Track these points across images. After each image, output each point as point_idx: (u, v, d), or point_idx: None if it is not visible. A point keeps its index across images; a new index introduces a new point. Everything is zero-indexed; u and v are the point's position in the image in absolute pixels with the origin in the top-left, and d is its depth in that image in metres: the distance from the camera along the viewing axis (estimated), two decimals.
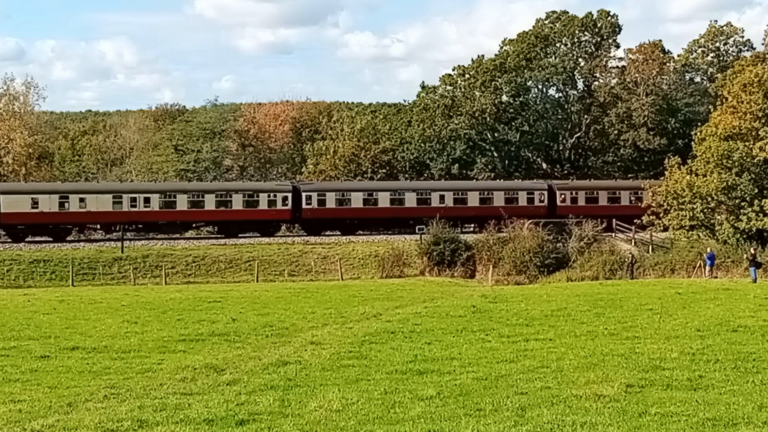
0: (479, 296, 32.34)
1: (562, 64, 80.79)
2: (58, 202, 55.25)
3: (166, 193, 58.14)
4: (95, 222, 56.28)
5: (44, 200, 54.95)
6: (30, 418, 12.00)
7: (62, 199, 55.48)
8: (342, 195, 60.57)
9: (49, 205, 54.87)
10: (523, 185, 65.15)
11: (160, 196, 57.32)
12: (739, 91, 49.98)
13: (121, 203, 56.04)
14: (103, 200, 56.06)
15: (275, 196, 59.27)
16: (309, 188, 60.81)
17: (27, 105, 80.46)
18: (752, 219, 47.74)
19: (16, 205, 54.47)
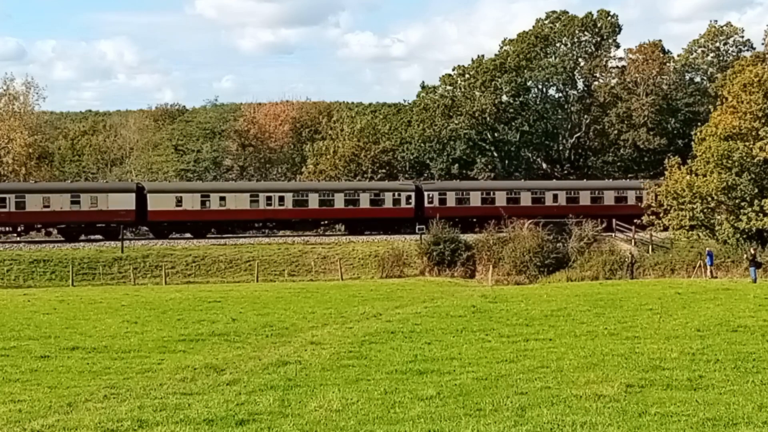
0: (479, 296, 32.34)
1: (562, 64, 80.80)
2: (200, 201, 57.78)
3: (299, 192, 60.28)
4: (234, 219, 57.81)
5: (187, 199, 57.65)
6: (30, 418, 12.01)
7: (204, 198, 57.98)
8: (462, 194, 62.56)
9: (192, 204, 57.40)
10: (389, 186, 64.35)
11: (294, 195, 59.44)
12: (739, 91, 49.98)
13: (257, 202, 58.37)
14: (241, 199, 58.50)
15: (399, 195, 61.39)
16: (431, 188, 63.01)
17: (27, 105, 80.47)
18: (752, 219, 47.74)
19: (162, 203, 57.01)
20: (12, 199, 54.62)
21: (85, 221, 56.01)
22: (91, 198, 56.06)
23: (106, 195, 56.65)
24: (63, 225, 56.12)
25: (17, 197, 54.87)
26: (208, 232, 58.75)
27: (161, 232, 57.81)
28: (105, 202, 56.03)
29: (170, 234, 57.79)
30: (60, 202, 55.38)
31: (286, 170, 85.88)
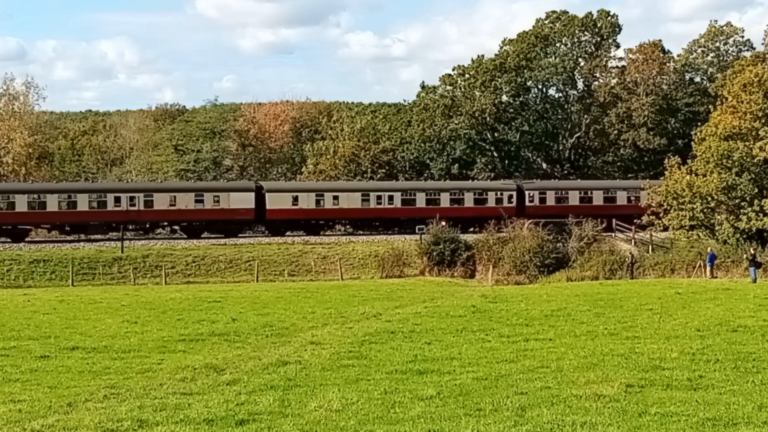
0: (479, 296, 32.34)
1: (562, 64, 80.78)
2: (314, 200, 59.98)
3: (407, 191, 62.35)
4: (346, 218, 59.08)
5: (303, 198, 59.93)
6: (30, 418, 12.01)
7: (318, 197, 60.31)
8: (561, 193, 64.44)
9: (307, 203, 59.64)
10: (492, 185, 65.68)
11: (402, 195, 61.52)
12: (739, 91, 49.99)
13: (368, 201, 60.70)
14: (353, 198, 60.67)
15: (502, 194, 63.02)
16: (531, 187, 64.69)
17: (27, 105, 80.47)
18: (752, 219, 47.73)
19: (279, 202, 59.31)
20: (141, 197, 57.02)
21: (208, 219, 58.45)
22: (214, 197, 58.45)
23: (228, 194, 59.15)
24: (186, 223, 58.24)
25: (146, 196, 57.36)
26: (321, 229, 60.30)
27: (278, 230, 59.61)
28: (227, 201, 58.51)
29: (286, 232, 59.34)
30: (185, 200, 57.86)
31: (286, 170, 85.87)
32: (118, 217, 56.63)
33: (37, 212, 55.86)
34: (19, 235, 55.56)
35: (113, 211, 56.47)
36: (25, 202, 55.37)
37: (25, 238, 56.13)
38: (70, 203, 56.24)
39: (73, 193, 57.20)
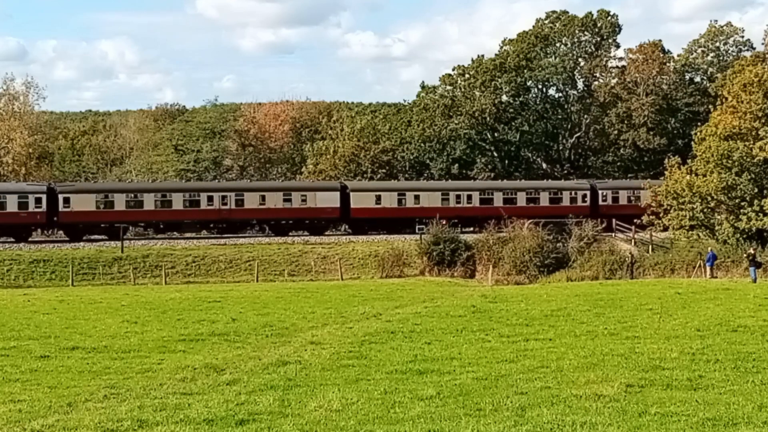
0: (479, 296, 32.35)
1: (562, 64, 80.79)
2: (397, 199, 61.35)
3: (485, 191, 63.71)
4: (427, 216, 59.16)
5: (386, 197, 61.48)
6: (30, 418, 12.01)
7: (400, 196, 61.60)
8: (633, 192, 65.27)
9: (390, 202, 61.05)
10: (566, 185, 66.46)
11: (480, 194, 62.96)
12: (739, 91, 49.98)
13: (448, 200, 62.00)
14: (434, 197, 61.89)
15: (576, 193, 64.51)
16: (605, 186, 66.06)
17: (27, 105, 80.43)
18: (752, 219, 47.73)
19: (363, 201, 60.95)
20: (233, 197, 58.54)
21: (295, 218, 59.84)
22: (301, 196, 59.98)
23: (315, 194, 60.52)
24: (274, 221, 59.72)
25: (237, 195, 58.91)
26: (403, 227, 60.73)
27: (361, 228, 60.51)
28: (314, 200, 60.05)
29: (369, 230, 60.15)
30: (274, 200, 59.32)
31: (285, 170, 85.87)
32: (211, 216, 58.58)
33: (134, 211, 57.55)
34: (117, 233, 56.44)
35: (206, 210, 58.25)
36: (123, 201, 57.22)
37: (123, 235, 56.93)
38: (165, 202, 57.96)
39: (168, 192, 58.91)
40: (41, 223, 56.85)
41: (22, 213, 54.98)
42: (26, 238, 55.80)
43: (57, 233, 59.78)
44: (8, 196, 55.16)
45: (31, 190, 56.18)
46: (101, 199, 57.10)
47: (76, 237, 55.73)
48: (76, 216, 55.86)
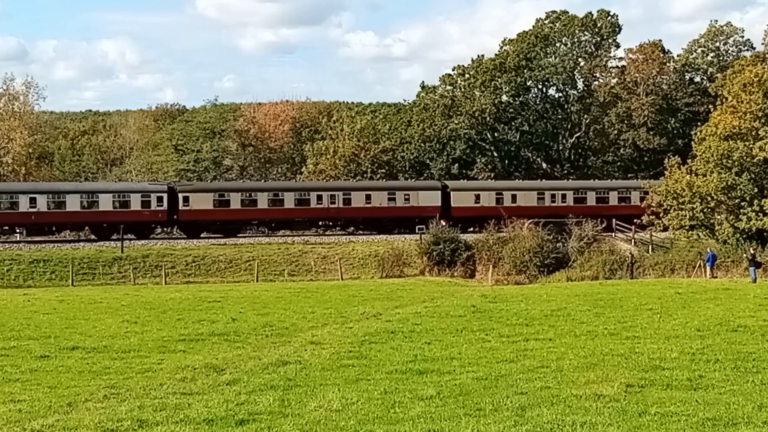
0: (479, 296, 32.35)
1: (562, 64, 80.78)
2: (495, 198, 63.04)
3: (579, 190, 65.64)
4: (523, 215, 59.51)
5: (485, 196, 63.17)
6: (30, 418, 12.00)
7: (498, 196, 63.34)
8: None
9: (488, 201, 62.71)
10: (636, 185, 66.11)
11: (574, 193, 64.97)
12: (739, 90, 49.97)
13: (543, 199, 63.75)
14: (530, 196, 63.73)
15: (629, 192, 65.45)
16: None
17: (27, 105, 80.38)
18: (752, 219, 47.74)
19: (463, 200, 62.50)
20: (340, 196, 60.51)
21: (399, 216, 61.11)
22: (405, 195, 61.90)
23: (417, 193, 62.53)
24: (379, 219, 60.87)
25: (345, 194, 60.86)
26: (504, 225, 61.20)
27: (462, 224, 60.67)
28: (416, 199, 61.92)
29: (468, 227, 60.42)
30: (379, 198, 61.25)
31: (286, 170, 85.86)
32: (320, 214, 60.62)
33: (249, 209, 59.29)
34: (233, 231, 58.23)
35: (316, 209, 60.14)
36: (238, 200, 59.02)
37: (237, 233, 58.79)
38: (277, 201, 59.81)
39: (281, 192, 60.91)
40: (162, 221, 58.72)
41: (145, 211, 57.08)
42: (148, 235, 57.56)
43: (175, 231, 61.41)
44: (132, 195, 57.48)
45: (153, 189, 58.41)
46: (218, 198, 58.97)
47: (194, 234, 57.92)
48: (194, 214, 57.98)
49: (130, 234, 55.77)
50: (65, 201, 56.17)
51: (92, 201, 56.88)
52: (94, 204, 56.73)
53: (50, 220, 56.10)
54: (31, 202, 55.21)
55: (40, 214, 55.30)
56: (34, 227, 55.88)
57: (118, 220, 55.91)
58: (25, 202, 55.19)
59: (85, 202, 56.72)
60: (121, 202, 57.02)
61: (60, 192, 57.41)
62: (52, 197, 56.21)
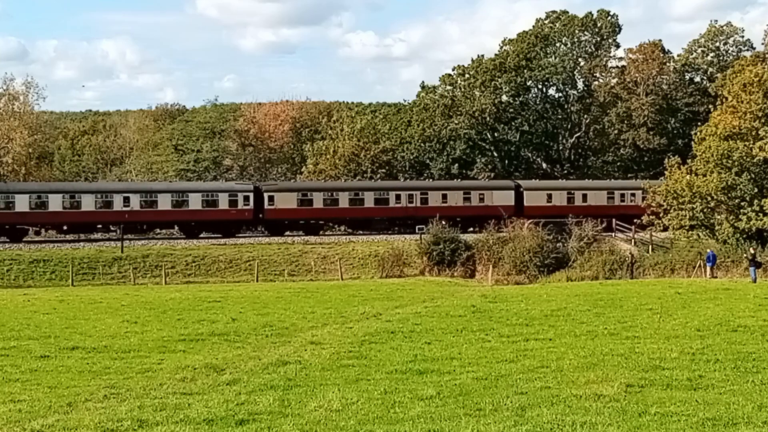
0: (479, 296, 32.35)
1: (562, 64, 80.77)
2: (566, 197, 64.59)
3: None
4: (592, 214, 59.76)
5: (556, 195, 64.67)
6: (30, 418, 12.00)
7: (569, 195, 64.85)
8: None
9: (560, 200, 64.09)
10: None
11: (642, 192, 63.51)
12: (739, 90, 49.97)
13: (613, 198, 64.99)
14: (600, 196, 64.91)
15: None
16: None
17: (27, 105, 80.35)
18: (752, 219, 47.74)
19: (536, 199, 63.68)
20: (417, 195, 62.05)
21: (473, 215, 61.61)
22: (480, 195, 63.34)
23: (491, 192, 63.68)
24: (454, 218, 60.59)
25: (422, 194, 62.24)
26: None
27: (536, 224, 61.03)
28: (491, 198, 63.11)
29: None
30: (455, 198, 62.68)
31: (286, 170, 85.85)
32: (398, 213, 61.56)
33: (330, 208, 60.51)
34: (315, 230, 60.24)
35: (394, 208, 61.54)
36: (321, 200, 60.56)
37: (319, 231, 60.19)
38: (357, 200, 61.02)
39: (361, 191, 61.94)
40: (248, 220, 59.75)
41: (232, 210, 58.51)
42: (234, 233, 58.58)
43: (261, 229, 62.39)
44: (220, 195, 58.93)
45: (240, 189, 59.99)
46: (301, 198, 60.30)
47: (279, 233, 59.11)
48: (279, 213, 59.46)
49: (216, 233, 58.00)
50: (157, 200, 57.81)
51: (182, 200, 58.32)
52: (183, 203, 58.22)
53: (143, 219, 57.72)
54: (125, 201, 56.85)
55: (133, 213, 56.90)
56: (128, 225, 56.99)
57: (206, 219, 58.28)
58: (119, 202, 56.84)
59: (176, 201, 58.15)
60: (210, 201, 58.59)
61: (152, 191, 59.10)
62: (144, 196, 57.85)
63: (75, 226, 56.85)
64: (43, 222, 57.24)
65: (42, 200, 55.76)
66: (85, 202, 56.24)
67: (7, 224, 54.93)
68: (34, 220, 56.46)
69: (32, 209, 55.38)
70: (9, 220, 54.83)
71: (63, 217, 56.02)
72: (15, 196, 55.33)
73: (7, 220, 54.73)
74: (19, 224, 55.73)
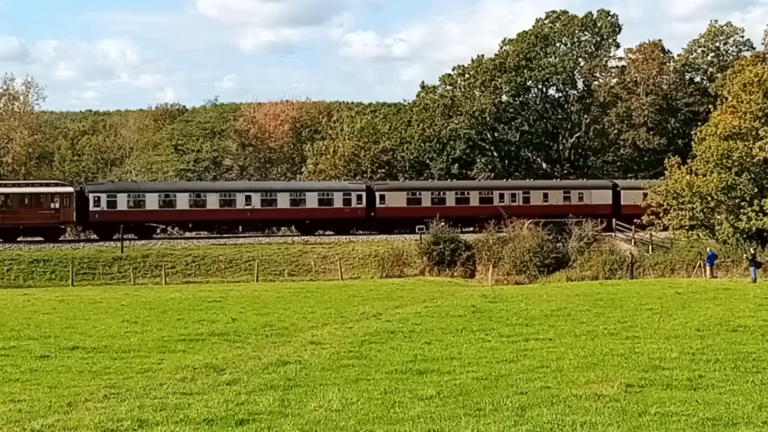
0: (479, 296, 32.34)
1: (562, 64, 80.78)
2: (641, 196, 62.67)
3: None
4: None
5: None
6: (30, 418, 12.00)
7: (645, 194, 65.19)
8: None
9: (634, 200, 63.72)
10: None
11: None
12: (739, 90, 49.96)
13: None
14: None
15: None
16: None
17: (27, 105, 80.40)
18: (752, 219, 47.73)
19: (632, 198, 63.78)
20: (520, 194, 63.63)
21: (574, 213, 60.90)
22: (579, 194, 64.76)
23: (590, 191, 65.14)
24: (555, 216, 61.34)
25: (524, 193, 63.82)
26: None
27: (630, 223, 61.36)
28: (589, 198, 64.51)
29: None
30: (556, 197, 64.38)
31: (286, 170, 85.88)
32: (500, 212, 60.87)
33: (438, 207, 60.67)
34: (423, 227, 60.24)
35: (498, 206, 61.92)
36: (429, 198, 61.97)
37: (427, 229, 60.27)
38: (462, 199, 62.74)
39: (466, 191, 63.81)
40: (361, 218, 61.11)
41: (346, 209, 60.35)
42: (348, 231, 59.74)
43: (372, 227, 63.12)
44: (335, 194, 60.68)
45: (354, 188, 61.81)
46: (410, 197, 61.91)
47: (388, 230, 60.04)
48: (389, 211, 61.00)
49: (329, 230, 60.11)
50: (276, 199, 59.49)
51: (300, 199, 60.00)
52: (301, 202, 59.92)
53: (263, 217, 59.56)
54: (247, 200, 58.65)
55: (254, 211, 58.65)
56: (249, 223, 59.44)
57: (322, 217, 60.16)
58: (242, 200, 58.63)
59: (294, 200, 59.76)
60: (325, 200, 60.17)
61: (272, 190, 60.93)
62: (265, 195, 59.55)
63: (199, 223, 59.91)
64: (171, 220, 59.20)
65: (170, 199, 58.01)
66: (209, 200, 58.39)
67: (137, 222, 56.66)
68: (163, 218, 58.28)
69: (161, 208, 57.41)
70: (139, 218, 56.80)
71: (189, 215, 58.44)
72: (145, 195, 57.68)
73: (138, 218, 56.74)
74: (148, 222, 57.35)
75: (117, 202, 56.29)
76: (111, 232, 55.99)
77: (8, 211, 54.56)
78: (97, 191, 56.70)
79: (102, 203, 55.84)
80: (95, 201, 55.76)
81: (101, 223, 56.33)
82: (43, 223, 54.56)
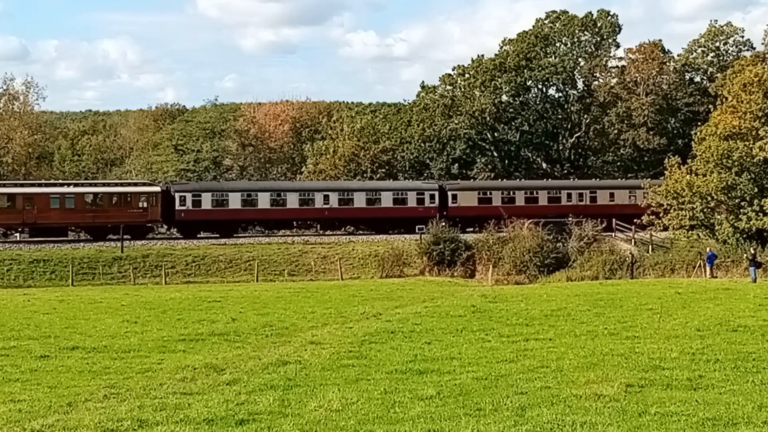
0: (479, 296, 32.33)
1: (562, 64, 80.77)
2: None
3: None
4: None
5: None
6: (30, 418, 12.00)
7: None
8: None
9: None
10: None
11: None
12: (739, 90, 49.97)
13: None
14: None
15: None
16: None
17: (27, 105, 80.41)
18: (752, 218, 47.74)
19: None
20: (587, 194, 65.23)
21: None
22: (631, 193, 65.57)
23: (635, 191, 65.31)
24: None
25: (590, 192, 65.51)
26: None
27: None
28: None
29: None
30: (622, 196, 65.42)
31: (286, 170, 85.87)
32: (568, 211, 62.34)
33: (508, 206, 61.72)
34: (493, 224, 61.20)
35: (565, 206, 63.57)
36: (499, 198, 63.37)
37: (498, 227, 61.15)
38: (532, 199, 64.17)
39: (536, 190, 65.27)
40: (433, 217, 60.11)
41: (419, 208, 61.56)
42: (421, 229, 59.22)
43: None
44: (409, 193, 62.25)
45: (427, 188, 63.23)
46: (481, 196, 63.45)
47: (461, 228, 59.50)
48: (460, 210, 62.16)
49: (402, 228, 60.32)
50: (353, 198, 61.00)
51: (375, 198, 61.45)
52: (376, 201, 61.34)
53: (340, 216, 61.01)
54: (325, 200, 60.09)
55: (332, 210, 60.29)
56: (326, 222, 61.33)
57: (396, 215, 61.11)
58: (320, 199, 60.11)
59: (369, 199, 61.23)
60: (400, 199, 61.65)
61: (349, 190, 62.33)
62: (342, 194, 60.96)
63: (279, 222, 61.48)
64: (253, 218, 60.38)
65: (252, 198, 59.45)
66: (290, 200, 59.71)
67: (221, 221, 57.77)
68: (245, 216, 59.58)
69: (243, 207, 58.67)
70: (223, 217, 58.16)
71: (270, 213, 59.69)
72: (228, 194, 58.69)
73: (222, 216, 58.10)
74: (231, 221, 58.42)
75: (201, 201, 57.41)
76: (196, 230, 57.62)
77: (99, 210, 55.70)
78: (183, 191, 57.95)
79: (187, 202, 57.00)
80: (181, 200, 56.91)
81: (187, 222, 57.60)
82: (132, 221, 55.36)
